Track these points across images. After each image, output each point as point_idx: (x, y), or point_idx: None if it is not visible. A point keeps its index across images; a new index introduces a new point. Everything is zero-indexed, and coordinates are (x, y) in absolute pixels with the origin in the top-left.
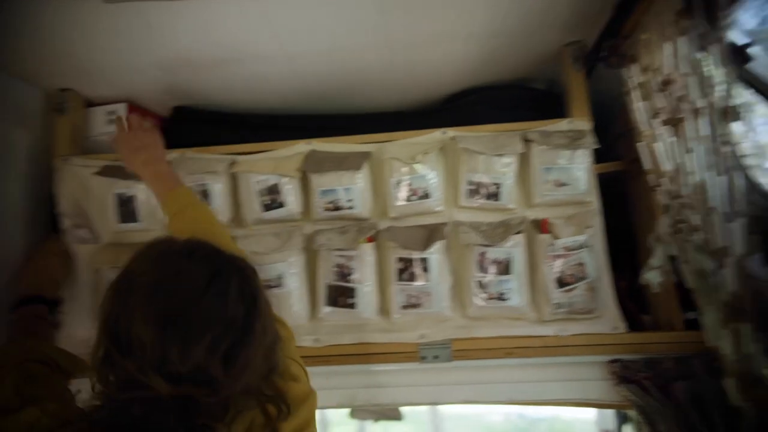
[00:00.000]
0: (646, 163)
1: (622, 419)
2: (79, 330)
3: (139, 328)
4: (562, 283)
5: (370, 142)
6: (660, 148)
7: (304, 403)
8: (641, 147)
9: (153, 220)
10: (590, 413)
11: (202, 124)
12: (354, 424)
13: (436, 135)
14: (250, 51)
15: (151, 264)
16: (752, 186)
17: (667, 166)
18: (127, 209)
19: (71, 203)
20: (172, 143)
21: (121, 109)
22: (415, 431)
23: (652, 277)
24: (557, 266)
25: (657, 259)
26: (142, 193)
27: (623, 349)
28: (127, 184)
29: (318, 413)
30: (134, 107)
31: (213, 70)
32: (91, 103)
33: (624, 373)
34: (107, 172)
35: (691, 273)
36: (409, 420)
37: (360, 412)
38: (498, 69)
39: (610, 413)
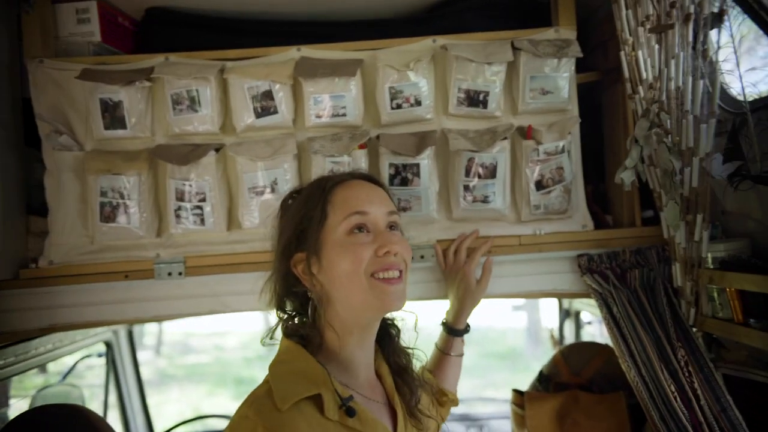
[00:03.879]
0: (626, 71)
1: (564, 316)
2: (70, 237)
3: None
4: (541, 185)
5: (361, 50)
6: (641, 56)
7: None
8: (623, 55)
9: (142, 128)
10: (522, 323)
11: (180, 27)
12: None
13: (428, 43)
14: None
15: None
16: (723, 91)
17: (647, 73)
18: (113, 115)
19: (49, 108)
20: (145, 47)
21: (91, 7)
22: None
23: (627, 176)
24: (537, 170)
25: (631, 159)
26: (129, 99)
27: (589, 245)
28: (112, 88)
29: None
30: (104, 5)
31: None
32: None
33: (589, 265)
34: (89, 75)
35: (658, 173)
36: None
37: None
38: None
39: (552, 314)
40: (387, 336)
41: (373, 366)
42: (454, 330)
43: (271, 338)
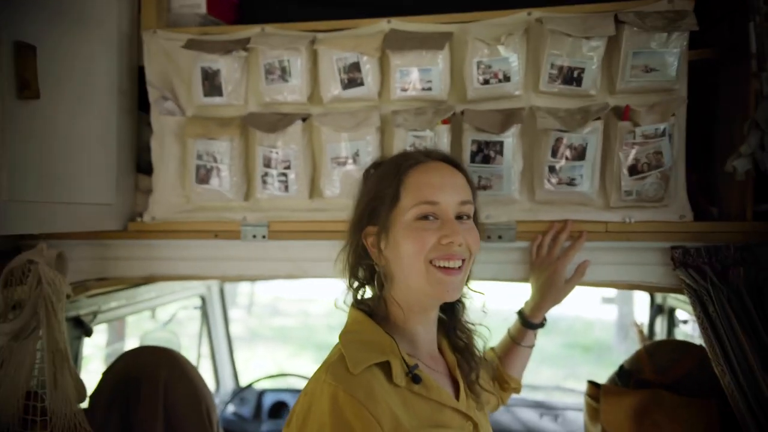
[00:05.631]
0: (753, 46)
1: (656, 311)
2: (170, 196)
3: None
4: (634, 170)
5: (451, 22)
6: None
7: None
8: (752, 26)
9: (237, 96)
10: (612, 316)
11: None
12: None
13: (521, 16)
14: None
15: None
16: None
17: None
18: (212, 83)
19: (159, 76)
20: (245, 18)
21: None
22: None
23: (740, 164)
24: (632, 154)
25: (748, 146)
26: (227, 68)
27: (686, 237)
28: (212, 57)
29: None
30: None
31: None
32: None
33: (684, 259)
34: (193, 45)
35: None
36: None
37: None
38: None
39: (644, 309)
40: (452, 311)
41: (435, 341)
42: (530, 323)
43: (345, 302)
